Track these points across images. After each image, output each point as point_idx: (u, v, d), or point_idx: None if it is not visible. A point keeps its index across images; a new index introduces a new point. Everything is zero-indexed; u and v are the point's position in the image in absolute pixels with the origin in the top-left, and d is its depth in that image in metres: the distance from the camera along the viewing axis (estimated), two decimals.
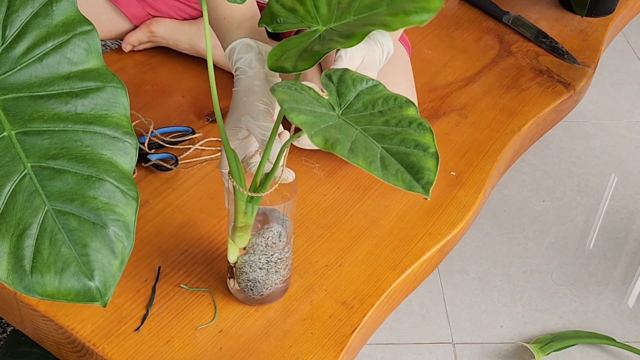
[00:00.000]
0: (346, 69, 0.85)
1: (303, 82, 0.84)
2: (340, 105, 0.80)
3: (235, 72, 0.98)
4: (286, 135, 0.92)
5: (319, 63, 1.24)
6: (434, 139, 0.76)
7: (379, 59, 1.02)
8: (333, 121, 0.77)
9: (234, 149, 0.93)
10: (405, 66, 1.28)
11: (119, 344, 0.94)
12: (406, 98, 0.82)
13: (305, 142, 0.92)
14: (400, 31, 1.26)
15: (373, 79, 0.85)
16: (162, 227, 1.09)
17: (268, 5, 0.90)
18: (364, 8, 0.87)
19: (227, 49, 0.99)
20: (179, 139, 1.21)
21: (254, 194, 0.89)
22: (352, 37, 0.81)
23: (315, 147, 0.75)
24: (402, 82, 1.25)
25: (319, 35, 0.86)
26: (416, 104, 1.21)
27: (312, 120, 0.75)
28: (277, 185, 0.90)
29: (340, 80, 0.83)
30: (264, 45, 0.97)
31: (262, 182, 0.90)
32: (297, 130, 1.07)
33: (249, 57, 0.97)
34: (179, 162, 1.18)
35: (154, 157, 1.17)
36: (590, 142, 2.09)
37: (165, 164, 1.17)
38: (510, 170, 1.55)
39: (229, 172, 0.90)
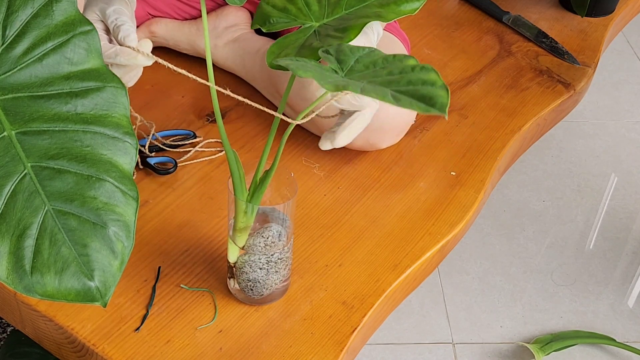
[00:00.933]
0: (340, 44, 0.86)
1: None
2: (342, 69, 0.81)
3: None
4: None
5: None
6: (439, 76, 0.76)
7: (375, 44, 1.07)
8: (338, 81, 0.78)
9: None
10: None
11: (119, 344, 0.94)
12: (405, 54, 0.83)
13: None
14: None
15: (370, 47, 0.85)
16: (162, 227, 1.09)
17: (259, 8, 0.90)
18: (353, 1, 0.88)
19: None
20: (179, 143, 1.21)
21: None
22: (349, 30, 0.82)
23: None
24: None
25: (315, 31, 0.87)
26: None
27: (320, 74, 0.77)
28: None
29: (338, 51, 0.83)
30: None
31: (261, 180, 0.91)
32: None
33: None
34: (179, 165, 1.17)
35: (153, 160, 1.17)
36: (590, 142, 2.09)
37: (164, 167, 1.17)
38: (510, 170, 1.55)
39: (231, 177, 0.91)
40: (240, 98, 0.88)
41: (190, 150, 1.20)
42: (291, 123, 0.85)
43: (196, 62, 1.38)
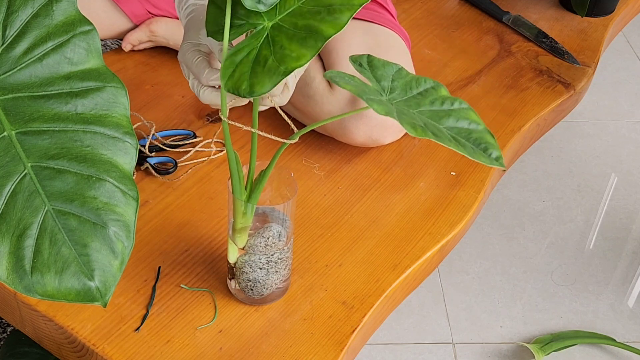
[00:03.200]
0: (368, 55, 0.86)
1: None
2: (384, 90, 0.81)
3: (186, 9, 0.99)
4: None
5: (319, 55, 1.23)
6: (477, 115, 0.80)
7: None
8: (388, 105, 0.78)
9: (195, 63, 0.92)
10: (407, 63, 1.28)
11: (119, 344, 0.94)
12: (429, 78, 0.85)
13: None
14: None
15: (397, 64, 0.86)
16: (162, 227, 1.09)
17: (207, 14, 0.85)
18: None
19: None
20: (179, 143, 1.21)
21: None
22: (305, 46, 0.77)
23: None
24: None
25: (267, 36, 0.79)
26: None
27: (366, 92, 0.77)
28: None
29: (371, 66, 0.83)
30: None
31: (257, 180, 0.91)
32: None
33: None
34: (179, 165, 1.17)
35: (153, 160, 1.16)
36: (590, 142, 2.09)
37: (164, 167, 1.17)
38: (510, 170, 1.55)
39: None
40: (246, 128, 0.88)
41: (190, 150, 1.20)
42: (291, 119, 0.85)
43: None
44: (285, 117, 0.91)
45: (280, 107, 0.94)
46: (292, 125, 0.89)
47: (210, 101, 0.93)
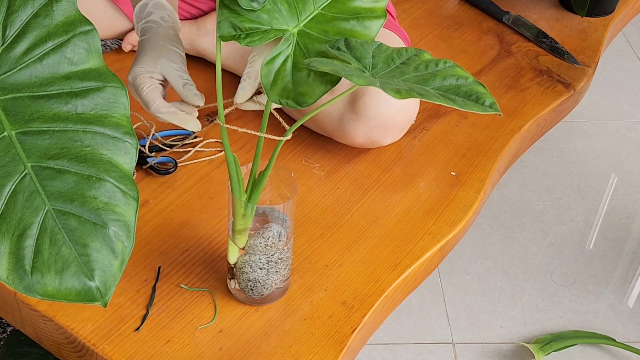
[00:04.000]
0: (345, 37, 0.84)
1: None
2: (366, 67, 0.80)
3: (145, 24, 1.00)
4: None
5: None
6: (465, 70, 0.81)
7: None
8: (368, 77, 0.78)
9: (146, 90, 0.95)
10: None
11: (119, 344, 0.94)
12: (410, 47, 0.84)
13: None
14: None
15: (373, 40, 0.85)
16: (162, 227, 1.09)
17: (219, 16, 0.84)
18: None
19: (138, 5, 1.01)
20: (179, 142, 1.21)
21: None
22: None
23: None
24: None
25: (297, 42, 0.81)
26: (417, 102, 1.21)
27: (346, 71, 0.77)
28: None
29: (349, 47, 0.82)
30: (173, 11, 1.01)
31: (257, 180, 0.91)
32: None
33: (162, 13, 0.99)
34: (179, 165, 1.17)
35: (153, 160, 1.16)
36: (590, 142, 2.09)
37: (164, 167, 1.17)
38: (510, 170, 1.55)
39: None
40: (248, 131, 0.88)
41: (190, 150, 1.20)
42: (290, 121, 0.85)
43: (196, 62, 1.38)
44: (277, 115, 0.91)
45: (274, 108, 0.95)
46: (284, 123, 0.90)
47: (166, 120, 0.97)
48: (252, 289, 0.98)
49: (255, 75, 0.90)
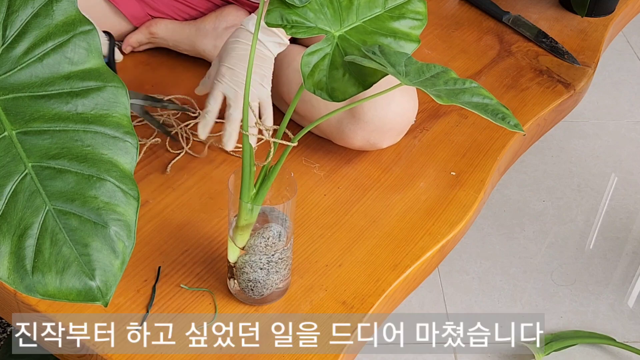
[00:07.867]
0: (379, 44, 0.91)
1: None
2: (400, 73, 0.86)
3: (234, 37, 1.15)
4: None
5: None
6: (488, 92, 0.86)
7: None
8: (414, 82, 0.85)
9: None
10: None
11: (119, 344, 0.94)
12: (437, 64, 0.90)
13: None
14: None
15: (405, 52, 0.91)
16: (162, 227, 1.09)
17: (270, 4, 0.89)
18: (364, 9, 0.90)
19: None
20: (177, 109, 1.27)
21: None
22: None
23: None
24: None
25: (337, 45, 0.89)
26: (416, 103, 1.21)
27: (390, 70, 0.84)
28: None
29: (384, 54, 0.88)
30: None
31: (264, 179, 0.91)
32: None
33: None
34: (191, 140, 1.22)
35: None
36: (590, 142, 2.09)
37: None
38: (510, 170, 1.54)
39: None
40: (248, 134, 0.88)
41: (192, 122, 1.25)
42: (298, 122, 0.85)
43: (196, 62, 1.38)
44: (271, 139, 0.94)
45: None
46: (288, 132, 0.93)
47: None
48: (252, 289, 0.98)
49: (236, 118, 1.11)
